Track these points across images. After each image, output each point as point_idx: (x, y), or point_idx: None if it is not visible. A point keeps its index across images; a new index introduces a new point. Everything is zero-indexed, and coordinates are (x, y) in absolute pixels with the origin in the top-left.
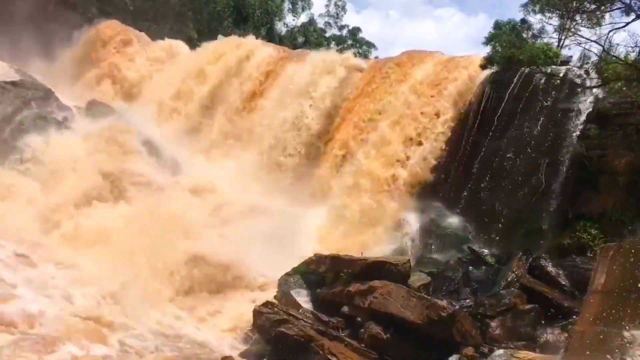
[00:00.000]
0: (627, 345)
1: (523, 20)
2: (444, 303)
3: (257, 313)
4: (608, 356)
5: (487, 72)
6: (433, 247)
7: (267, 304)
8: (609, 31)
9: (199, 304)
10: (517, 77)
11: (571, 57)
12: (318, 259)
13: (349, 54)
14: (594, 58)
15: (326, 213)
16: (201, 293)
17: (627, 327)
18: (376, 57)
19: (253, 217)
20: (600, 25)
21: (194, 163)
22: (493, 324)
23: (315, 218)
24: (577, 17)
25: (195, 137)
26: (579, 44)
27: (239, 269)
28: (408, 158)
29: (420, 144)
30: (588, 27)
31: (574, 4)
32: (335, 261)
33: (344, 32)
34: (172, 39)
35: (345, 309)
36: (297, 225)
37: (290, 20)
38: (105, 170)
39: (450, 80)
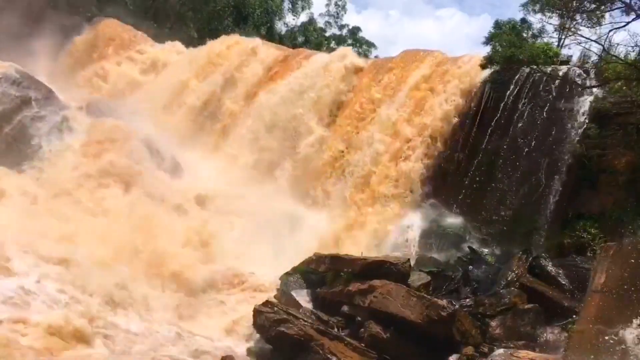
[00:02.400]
0: (627, 344)
1: (523, 20)
2: (444, 302)
3: (257, 312)
4: (608, 355)
5: (487, 71)
6: (433, 246)
7: (267, 303)
8: (609, 31)
9: (198, 304)
10: (517, 77)
11: (571, 56)
12: (318, 259)
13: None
14: (594, 58)
15: (325, 213)
16: (201, 292)
17: (627, 327)
18: (376, 57)
19: (252, 217)
20: (600, 24)
21: (193, 162)
22: (493, 323)
23: (314, 218)
24: (577, 17)
25: (195, 137)
26: (579, 43)
27: (239, 268)
28: (407, 157)
29: (419, 143)
30: (588, 27)
31: (574, 4)
32: (335, 260)
33: (344, 31)
34: (172, 38)
35: (345, 308)
36: (297, 224)
37: (290, 20)
38: (104, 169)
39: (449, 79)
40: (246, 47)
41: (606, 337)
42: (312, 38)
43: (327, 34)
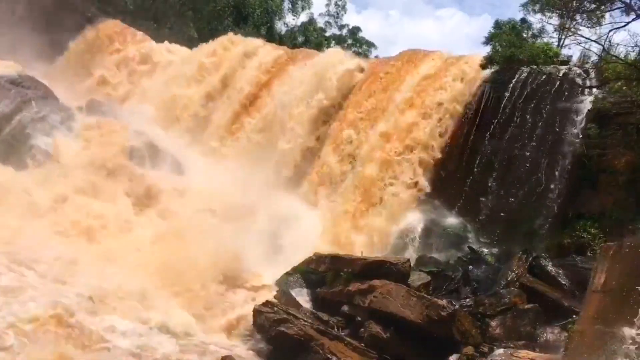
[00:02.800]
0: (627, 344)
1: (523, 20)
2: (443, 302)
3: (257, 312)
4: (608, 355)
5: (487, 71)
6: (433, 246)
7: (267, 303)
8: (609, 31)
9: (198, 303)
10: (517, 77)
11: (571, 56)
12: (318, 259)
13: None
14: (594, 58)
15: (325, 212)
16: (200, 292)
17: (627, 327)
18: (376, 57)
19: (253, 216)
20: (600, 24)
21: (194, 162)
22: (493, 323)
23: (314, 217)
24: (577, 17)
25: (195, 136)
26: (579, 43)
27: (239, 268)
28: (408, 157)
29: (419, 143)
30: (588, 27)
31: (574, 4)
32: (335, 260)
33: (344, 31)
34: (172, 38)
35: (345, 308)
36: (296, 223)
37: (290, 20)
38: (103, 168)
39: (449, 79)
40: (214, 84)
41: (606, 337)
42: (312, 38)
43: (327, 34)
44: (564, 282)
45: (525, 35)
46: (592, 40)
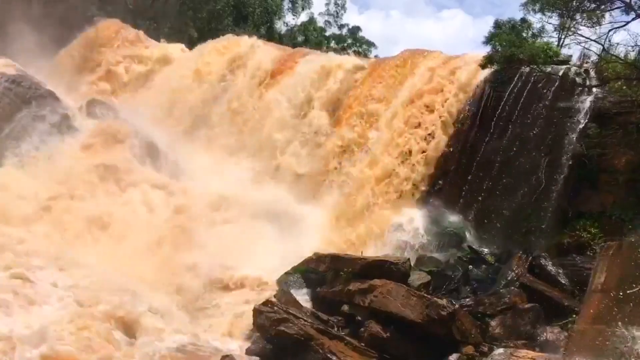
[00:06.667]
0: (627, 343)
1: (523, 19)
2: (443, 302)
3: (257, 312)
4: (608, 355)
5: (487, 71)
6: (433, 245)
7: (267, 302)
8: (609, 30)
9: (198, 303)
10: (517, 76)
11: (571, 56)
12: (318, 258)
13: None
14: (594, 57)
15: (326, 212)
16: (200, 292)
17: (627, 326)
18: (376, 56)
19: (253, 216)
20: (600, 24)
21: (194, 161)
22: (493, 322)
23: (315, 216)
24: (577, 16)
25: (196, 135)
26: (579, 43)
27: (239, 267)
28: (408, 157)
29: (419, 142)
30: (588, 26)
31: (574, 3)
32: (335, 260)
33: (344, 31)
34: (172, 38)
35: (345, 307)
36: (297, 223)
37: (290, 19)
38: (103, 168)
39: (449, 79)
40: (215, 83)
41: (606, 337)
42: (312, 37)
43: (327, 34)
44: (564, 282)
45: (525, 35)
46: (592, 40)
